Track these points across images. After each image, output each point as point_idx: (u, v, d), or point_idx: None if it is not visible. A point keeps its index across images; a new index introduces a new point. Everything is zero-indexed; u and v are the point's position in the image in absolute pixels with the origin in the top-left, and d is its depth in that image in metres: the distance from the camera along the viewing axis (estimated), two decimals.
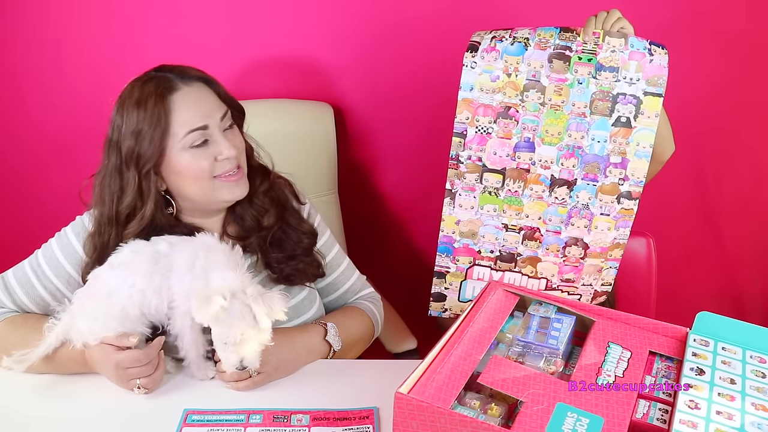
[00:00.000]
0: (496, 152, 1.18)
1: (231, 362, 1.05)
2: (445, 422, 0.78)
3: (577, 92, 1.14)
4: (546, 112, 1.15)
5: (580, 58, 1.13)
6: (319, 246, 1.32)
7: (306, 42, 1.76)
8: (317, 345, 1.20)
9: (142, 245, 1.11)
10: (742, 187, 1.86)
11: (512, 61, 1.14)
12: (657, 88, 1.12)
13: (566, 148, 1.16)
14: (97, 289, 1.11)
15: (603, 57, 1.12)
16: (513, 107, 1.16)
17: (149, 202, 1.13)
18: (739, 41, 1.71)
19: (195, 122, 1.13)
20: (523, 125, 1.16)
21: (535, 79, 1.14)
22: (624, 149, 1.15)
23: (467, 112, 1.17)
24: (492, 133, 1.17)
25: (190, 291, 1.05)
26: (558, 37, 1.14)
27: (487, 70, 1.15)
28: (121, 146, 1.12)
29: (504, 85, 1.15)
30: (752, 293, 1.98)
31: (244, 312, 1.02)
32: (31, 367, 1.11)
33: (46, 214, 1.38)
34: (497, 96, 1.16)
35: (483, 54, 1.15)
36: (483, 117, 1.17)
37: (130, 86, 1.14)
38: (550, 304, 1.01)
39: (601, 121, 1.14)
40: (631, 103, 1.13)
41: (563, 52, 1.13)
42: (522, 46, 1.14)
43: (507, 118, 1.16)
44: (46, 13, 1.71)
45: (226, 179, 1.17)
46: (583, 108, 1.14)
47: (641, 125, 1.13)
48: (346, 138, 1.82)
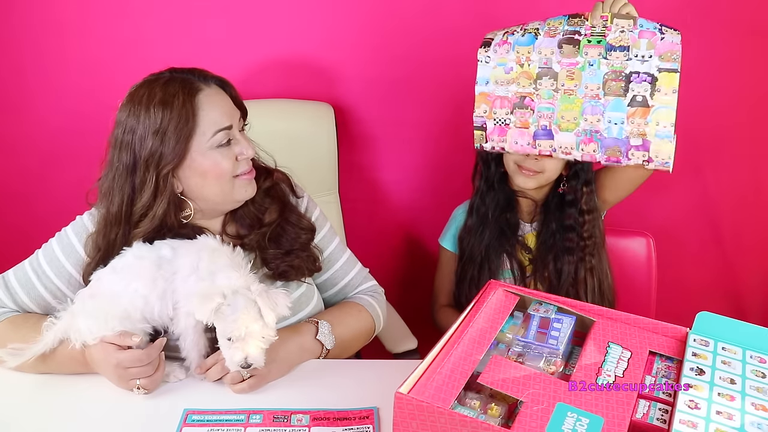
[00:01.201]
0: (518, 141, 1.19)
1: (235, 360, 1.04)
2: (445, 422, 0.78)
3: (588, 74, 1.13)
4: (560, 98, 1.15)
5: (590, 41, 1.12)
6: (318, 240, 1.32)
7: (307, 42, 1.76)
8: (309, 344, 1.20)
9: (145, 250, 1.12)
10: (743, 186, 1.86)
11: (523, 51, 1.15)
12: (672, 63, 1.09)
13: (584, 133, 1.15)
14: (99, 290, 1.11)
15: (612, 38, 1.11)
16: (528, 96, 1.16)
17: (162, 203, 1.13)
18: (739, 39, 1.71)
19: (222, 122, 1.15)
20: (539, 113, 1.16)
21: (546, 66, 1.15)
22: (643, 130, 1.11)
23: (485, 105, 1.19)
24: (510, 123, 1.18)
25: (193, 291, 1.05)
26: (567, 23, 1.14)
27: (500, 63, 1.17)
28: (136, 147, 1.12)
29: (518, 75, 1.17)
30: (752, 293, 1.98)
31: (248, 306, 1.02)
32: (31, 366, 1.12)
33: (51, 214, 1.38)
34: (512, 87, 1.17)
35: (496, 48, 1.17)
36: (500, 108, 1.18)
37: (146, 88, 1.13)
38: (550, 304, 1.01)
39: (616, 102, 1.12)
40: (645, 81, 1.10)
41: (572, 36, 1.13)
42: (532, 36, 1.15)
43: (523, 107, 1.17)
44: (51, 13, 1.71)
45: (243, 178, 1.19)
46: (596, 90, 1.12)
47: (659, 103, 1.10)
48: (346, 138, 1.82)
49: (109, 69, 1.74)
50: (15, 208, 1.90)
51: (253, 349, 1.04)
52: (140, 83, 1.16)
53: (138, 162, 1.12)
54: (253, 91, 1.73)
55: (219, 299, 1.02)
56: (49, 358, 1.12)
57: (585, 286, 1.44)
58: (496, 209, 1.49)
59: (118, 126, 1.14)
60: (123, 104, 1.15)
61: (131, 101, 1.13)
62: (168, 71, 1.18)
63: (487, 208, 1.50)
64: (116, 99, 1.17)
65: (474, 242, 1.51)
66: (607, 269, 1.49)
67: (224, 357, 1.06)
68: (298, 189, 1.33)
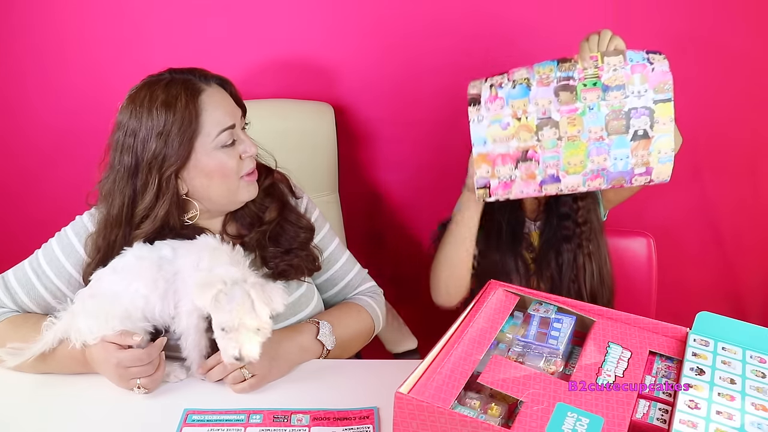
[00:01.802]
0: (523, 190, 1.18)
1: (229, 351, 1.03)
2: (445, 422, 0.78)
3: (590, 118, 1.12)
4: (564, 145, 1.13)
5: (585, 85, 1.12)
6: (318, 240, 1.32)
7: (307, 42, 1.76)
8: (310, 344, 1.20)
9: (146, 251, 1.12)
10: (742, 186, 1.86)
11: (519, 105, 1.13)
12: (665, 94, 1.11)
13: (591, 172, 1.15)
14: (99, 290, 1.11)
15: (607, 78, 1.11)
16: (531, 149, 1.14)
17: (165, 204, 1.13)
18: (738, 42, 1.71)
19: (226, 121, 1.15)
20: (545, 163, 1.14)
21: (546, 116, 1.13)
22: (647, 159, 1.13)
23: (486, 166, 1.16)
24: (515, 178, 1.16)
25: (192, 281, 1.06)
26: (558, 70, 1.13)
27: (495, 120, 1.14)
28: (138, 149, 1.11)
29: (516, 130, 1.13)
30: (752, 293, 1.98)
31: (243, 298, 1.02)
32: (31, 366, 1.12)
33: (50, 214, 1.38)
34: (512, 142, 1.14)
35: (487, 105, 1.14)
36: (503, 166, 1.15)
37: (147, 90, 1.13)
38: (550, 304, 1.01)
39: (620, 140, 1.12)
40: (644, 115, 1.11)
41: (567, 83, 1.12)
42: (525, 87, 1.13)
43: (527, 160, 1.15)
44: (50, 14, 1.71)
45: (246, 179, 1.19)
46: (600, 132, 1.12)
47: (659, 133, 1.12)
48: (346, 138, 1.82)
49: (108, 69, 1.74)
50: (14, 208, 1.90)
51: (247, 341, 1.03)
52: (140, 85, 1.15)
53: (140, 164, 1.12)
54: (252, 91, 1.73)
55: (219, 286, 1.02)
56: (49, 357, 1.12)
57: (584, 272, 1.44)
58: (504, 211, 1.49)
59: (119, 128, 1.13)
60: (123, 106, 1.14)
61: (132, 103, 1.13)
62: (167, 72, 1.17)
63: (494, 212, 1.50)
64: (115, 99, 1.17)
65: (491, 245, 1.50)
66: (606, 256, 1.48)
67: (219, 348, 1.06)
68: (297, 190, 1.33)
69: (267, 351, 1.08)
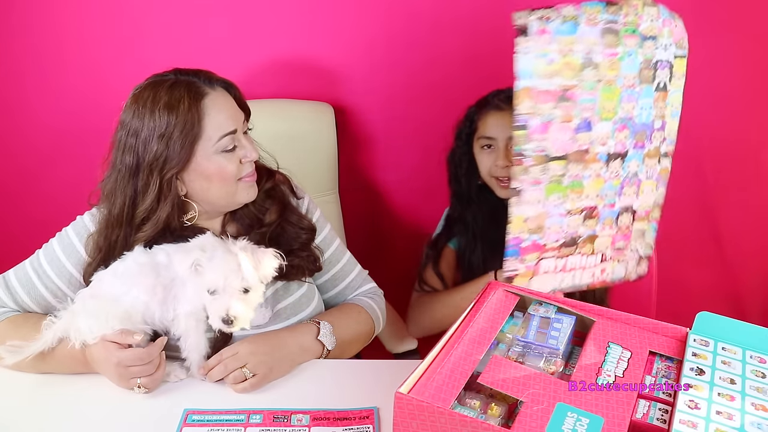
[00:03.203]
0: (558, 138, 1.12)
1: (217, 314, 1.03)
2: (445, 422, 0.78)
3: (627, 64, 1.11)
4: (602, 89, 1.11)
5: (626, 31, 1.11)
6: (319, 241, 1.32)
7: (307, 42, 1.76)
8: (310, 344, 1.20)
9: (144, 257, 1.12)
10: (743, 186, 1.86)
11: (566, 41, 1.09)
12: (683, 50, 1.13)
13: (620, 121, 1.13)
14: (100, 291, 1.11)
15: (644, 27, 1.11)
16: (570, 89, 1.10)
17: (166, 206, 1.13)
18: (742, 39, 1.71)
19: (228, 126, 1.15)
20: (581, 105, 1.11)
21: (589, 56, 1.10)
22: (663, 112, 1.15)
23: (529, 101, 1.09)
24: (554, 119, 1.11)
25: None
26: (605, 11, 1.11)
27: (542, 54, 1.09)
28: (140, 150, 1.11)
29: (561, 67, 1.09)
30: (752, 293, 1.98)
31: (226, 259, 1.02)
32: (31, 365, 1.12)
33: (50, 214, 1.38)
34: (555, 79, 1.09)
35: (535, 37, 1.09)
36: (544, 104, 1.10)
37: (151, 90, 1.12)
38: (550, 304, 1.01)
39: (647, 90, 1.13)
40: (666, 67, 1.13)
41: (612, 26, 1.11)
42: (573, 25, 1.10)
43: (566, 100, 1.10)
44: (49, 14, 1.71)
45: (245, 181, 1.19)
46: (633, 79, 1.12)
47: (674, 87, 1.14)
48: (346, 138, 1.82)
49: (107, 69, 1.74)
50: (14, 208, 1.90)
51: (234, 302, 1.03)
52: (144, 84, 1.15)
53: (141, 165, 1.12)
54: (253, 92, 1.72)
55: (197, 253, 1.02)
56: (49, 356, 1.12)
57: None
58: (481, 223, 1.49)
59: (122, 127, 1.13)
60: (127, 105, 1.14)
61: (135, 103, 1.12)
62: (173, 72, 1.16)
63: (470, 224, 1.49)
64: (115, 100, 1.17)
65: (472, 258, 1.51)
66: None
67: (208, 314, 1.06)
68: (298, 190, 1.33)
69: (269, 351, 1.08)
